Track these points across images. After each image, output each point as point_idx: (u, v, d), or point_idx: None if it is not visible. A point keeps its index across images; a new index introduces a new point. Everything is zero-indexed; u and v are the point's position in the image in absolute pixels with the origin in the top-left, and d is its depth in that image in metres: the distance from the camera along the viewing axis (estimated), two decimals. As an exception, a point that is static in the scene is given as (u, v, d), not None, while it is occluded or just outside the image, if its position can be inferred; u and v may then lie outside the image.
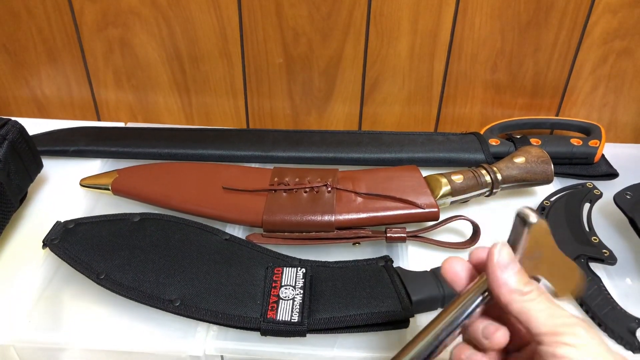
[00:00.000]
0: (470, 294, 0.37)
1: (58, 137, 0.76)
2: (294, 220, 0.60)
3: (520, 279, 0.36)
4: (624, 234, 0.64)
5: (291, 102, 0.81)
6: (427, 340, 0.37)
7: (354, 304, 0.52)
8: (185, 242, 0.58)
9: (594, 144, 0.73)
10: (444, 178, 0.64)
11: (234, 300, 0.52)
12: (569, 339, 0.33)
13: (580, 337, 0.33)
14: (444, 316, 0.37)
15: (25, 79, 0.81)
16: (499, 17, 0.72)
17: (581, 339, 0.33)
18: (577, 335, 0.33)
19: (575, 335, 0.33)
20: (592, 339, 0.33)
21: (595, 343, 0.33)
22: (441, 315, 0.37)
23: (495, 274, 0.36)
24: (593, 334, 0.33)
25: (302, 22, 0.73)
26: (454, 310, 0.37)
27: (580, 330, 0.33)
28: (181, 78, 0.79)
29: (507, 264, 0.36)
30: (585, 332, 0.33)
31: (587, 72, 0.76)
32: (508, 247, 0.37)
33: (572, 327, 0.34)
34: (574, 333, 0.33)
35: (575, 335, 0.33)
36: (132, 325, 0.53)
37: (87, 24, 0.75)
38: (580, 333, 0.33)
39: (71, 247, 0.57)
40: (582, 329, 0.33)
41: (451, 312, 0.37)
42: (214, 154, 0.73)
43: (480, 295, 0.37)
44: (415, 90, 0.79)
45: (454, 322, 0.37)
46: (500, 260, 0.36)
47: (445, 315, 0.37)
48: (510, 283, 0.35)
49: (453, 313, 0.37)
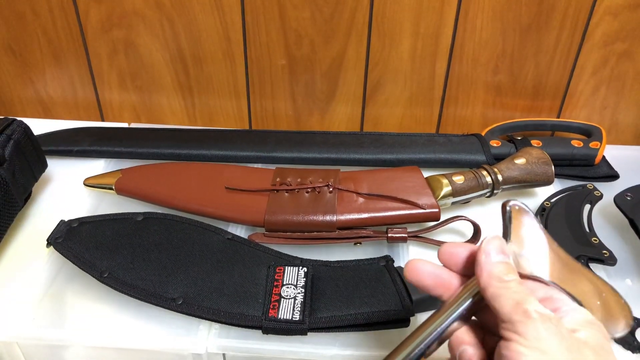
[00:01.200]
0: (461, 295, 0.37)
1: (62, 137, 0.76)
2: (296, 220, 0.61)
3: (505, 268, 0.35)
4: (624, 235, 0.64)
5: (293, 103, 0.81)
6: (415, 343, 0.37)
7: (355, 303, 0.52)
8: (188, 242, 0.58)
9: (594, 145, 0.73)
10: (445, 179, 0.64)
11: (236, 298, 0.52)
12: (520, 328, 0.32)
13: (532, 329, 0.32)
14: (435, 318, 0.37)
15: (30, 79, 0.82)
16: (500, 19, 0.72)
17: (533, 331, 0.32)
18: (529, 326, 0.32)
19: (527, 325, 0.32)
20: (549, 334, 0.32)
21: (550, 339, 0.32)
22: (432, 317, 0.37)
23: (479, 259, 0.36)
24: (553, 331, 0.32)
25: (304, 24, 0.74)
26: (445, 312, 0.37)
27: (536, 324, 0.32)
28: (184, 79, 0.80)
29: (494, 252, 0.36)
30: (542, 326, 0.32)
31: (588, 74, 0.77)
32: (499, 239, 0.37)
33: (530, 319, 0.32)
34: (527, 324, 0.32)
35: (525, 325, 0.32)
36: (135, 323, 0.53)
37: (91, 25, 0.76)
38: (535, 326, 0.32)
39: (75, 246, 0.57)
40: (540, 323, 0.32)
41: (442, 314, 0.37)
42: (216, 154, 0.73)
43: (471, 297, 0.37)
44: (417, 91, 0.79)
45: (443, 324, 0.36)
46: (487, 248, 0.36)
47: (436, 316, 0.37)
48: (493, 269, 0.35)
49: (444, 314, 0.37)
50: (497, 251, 0.36)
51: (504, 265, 0.36)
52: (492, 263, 0.36)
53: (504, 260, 0.36)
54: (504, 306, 0.34)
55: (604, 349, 0.33)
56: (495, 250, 0.36)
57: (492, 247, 0.36)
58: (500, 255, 0.36)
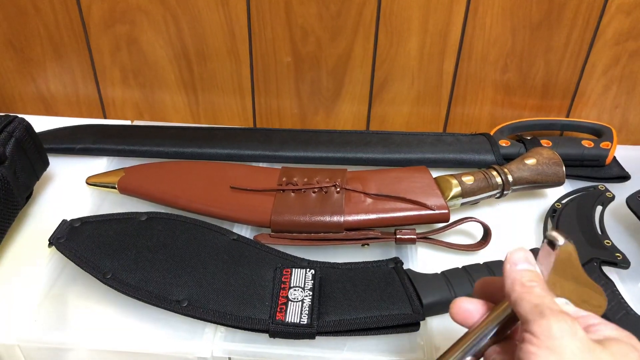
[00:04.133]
0: (494, 312, 0.37)
1: (64, 135, 0.75)
2: (303, 221, 0.59)
3: (529, 275, 0.36)
4: (637, 237, 0.63)
5: (299, 101, 0.80)
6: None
7: (364, 306, 0.51)
8: (193, 242, 0.57)
9: (605, 145, 0.72)
10: (455, 179, 0.63)
11: (242, 301, 0.51)
12: (533, 327, 0.32)
13: (545, 327, 0.32)
14: (468, 336, 0.37)
15: (31, 76, 0.80)
16: (510, 16, 0.71)
17: (546, 329, 0.32)
18: (542, 325, 0.32)
19: (539, 324, 0.32)
20: (561, 333, 0.31)
21: (562, 339, 0.31)
22: (465, 336, 0.37)
23: (505, 269, 0.37)
24: (566, 330, 0.31)
25: (311, 21, 0.72)
26: (478, 330, 0.37)
27: (549, 322, 0.32)
28: (188, 76, 0.79)
29: (519, 261, 0.37)
30: (555, 325, 0.32)
31: (599, 73, 0.75)
32: (524, 250, 0.38)
33: (544, 318, 0.32)
34: (539, 323, 0.32)
35: (538, 324, 0.32)
36: (139, 326, 0.52)
37: (94, 21, 0.74)
38: (548, 324, 0.32)
39: (77, 246, 0.56)
40: (555, 322, 0.32)
41: (475, 332, 0.37)
42: (221, 153, 0.72)
43: (504, 314, 0.37)
44: (424, 90, 0.78)
45: (476, 341, 0.37)
46: (512, 258, 0.37)
47: (468, 335, 0.37)
48: (516, 276, 0.36)
49: (477, 332, 0.37)
50: (522, 260, 0.37)
51: (528, 273, 0.36)
52: (516, 271, 0.36)
53: (529, 268, 0.37)
54: (524, 308, 0.34)
55: (627, 358, 0.32)
56: (520, 259, 0.37)
57: (517, 257, 0.37)
58: (524, 264, 0.37)
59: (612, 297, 0.53)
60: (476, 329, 0.37)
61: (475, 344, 0.37)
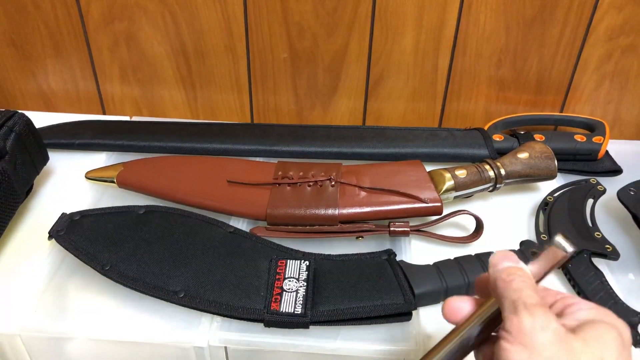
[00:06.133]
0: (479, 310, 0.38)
1: (64, 130, 0.76)
2: (298, 214, 0.60)
3: (508, 270, 0.36)
4: (627, 229, 0.64)
5: (296, 97, 0.81)
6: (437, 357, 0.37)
7: (357, 296, 0.52)
8: (190, 235, 0.58)
9: (598, 140, 0.73)
10: (448, 173, 0.64)
11: (238, 291, 0.52)
12: (507, 324, 0.33)
13: (516, 324, 0.32)
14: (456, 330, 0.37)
15: (31, 72, 0.81)
16: (503, 13, 0.72)
17: (517, 326, 0.32)
18: (514, 322, 0.32)
19: (512, 321, 0.33)
20: (532, 328, 0.32)
21: (533, 333, 0.32)
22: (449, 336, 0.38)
23: (489, 272, 0.37)
24: (537, 325, 0.32)
25: (307, 17, 0.73)
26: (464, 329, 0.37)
27: (521, 318, 0.32)
28: (186, 72, 0.80)
29: (500, 261, 0.37)
30: (527, 321, 0.32)
31: (592, 68, 0.76)
32: (505, 251, 0.38)
33: (516, 314, 0.33)
34: (512, 320, 0.33)
35: (511, 321, 0.33)
36: (137, 316, 0.53)
37: (93, 17, 0.75)
38: (519, 320, 0.32)
39: (77, 239, 0.57)
40: (527, 317, 0.32)
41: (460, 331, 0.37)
42: (218, 147, 0.73)
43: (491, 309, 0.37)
44: (419, 85, 0.79)
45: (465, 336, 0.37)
46: (493, 260, 0.37)
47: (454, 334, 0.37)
48: (497, 275, 0.36)
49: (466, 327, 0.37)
50: (502, 259, 0.37)
51: (506, 269, 0.36)
52: (497, 270, 0.36)
53: (509, 265, 0.37)
54: (504, 305, 0.34)
55: (601, 342, 0.32)
56: (500, 259, 0.37)
57: (498, 258, 0.37)
58: (505, 262, 0.37)
59: (601, 287, 0.54)
60: (464, 324, 0.37)
61: (463, 339, 0.37)
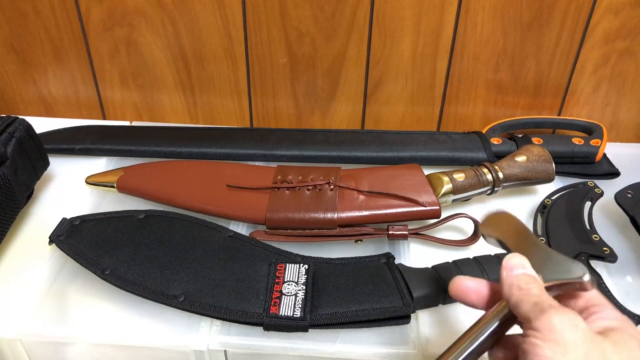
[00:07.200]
0: (493, 313, 0.38)
1: (64, 136, 0.77)
2: (297, 218, 0.61)
3: (525, 278, 0.37)
4: (624, 232, 0.64)
5: (295, 101, 0.81)
6: None
7: (356, 299, 0.52)
8: (190, 239, 0.58)
9: (595, 143, 0.73)
10: (446, 176, 0.64)
11: (238, 295, 0.52)
12: (535, 323, 0.33)
13: (546, 322, 0.33)
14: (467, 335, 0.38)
15: (32, 78, 0.82)
16: (501, 17, 0.72)
17: (547, 324, 0.33)
18: (543, 320, 0.33)
19: (541, 320, 0.33)
20: (563, 326, 0.32)
21: (565, 331, 0.32)
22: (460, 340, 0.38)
23: (502, 276, 0.38)
24: (567, 323, 0.32)
25: (306, 22, 0.74)
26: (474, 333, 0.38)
27: (550, 317, 0.33)
28: (186, 78, 0.80)
29: (515, 267, 0.38)
30: (556, 319, 0.33)
31: (589, 72, 0.77)
32: (519, 256, 0.39)
33: (544, 313, 0.33)
34: (541, 319, 0.33)
35: (540, 320, 0.33)
36: (137, 320, 0.53)
37: (93, 23, 0.76)
38: (548, 319, 0.33)
39: (77, 244, 0.57)
40: (556, 315, 0.33)
41: (471, 335, 0.38)
42: (218, 152, 0.73)
43: (501, 314, 0.38)
44: (418, 89, 0.79)
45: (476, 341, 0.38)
46: (507, 264, 0.38)
47: (465, 338, 0.38)
48: (513, 281, 0.37)
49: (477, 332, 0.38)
50: (518, 266, 0.38)
51: (524, 277, 0.37)
52: (513, 276, 0.37)
53: (525, 272, 0.38)
54: (524, 308, 0.35)
55: (628, 347, 0.33)
56: (516, 265, 0.38)
57: (513, 263, 0.38)
58: (520, 269, 0.38)
59: (599, 290, 0.54)
60: (474, 329, 0.38)
61: (474, 345, 0.37)
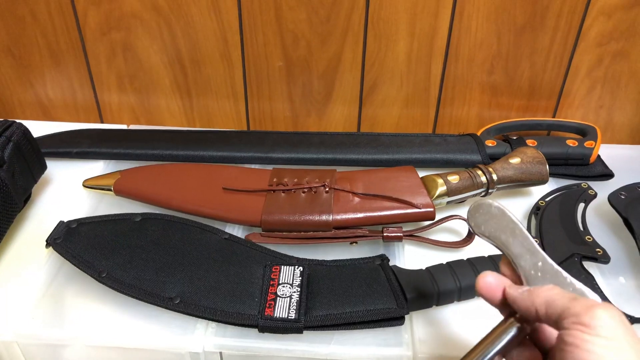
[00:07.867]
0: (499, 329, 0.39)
1: (62, 139, 0.77)
2: (292, 220, 0.61)
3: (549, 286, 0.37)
4: (618, 233, 0.64)
5: (291, 104, 0.82)
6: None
7: (350, 301, 0.53)
8: (186, 242, 0.59)
9: (589, 144, 0.73)
10: (440, 178, 0.65)
11: (233, 297, 0.53)
12: (583, 318, 0.32)
13: (597, 318, 0.32)
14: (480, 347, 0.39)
15: (30, 82, 0.82)
16: (495, 20, 0.73)
17: (598, 320, 0.32)
18: (593, 316, 0.32)
19: (589, 316, 0.32)
20: (613, 322, 0.32)
21: (616, 327, 0.32)
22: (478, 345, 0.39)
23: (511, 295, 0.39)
24: (617, 319, 0.32)
25: (301, 26, 0.74)
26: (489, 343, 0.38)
27: (599, 312, 0.32)
28: (183, 81, 0.81)
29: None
30: (605, 314, 0.32)
31: (583, 74, 0.77)
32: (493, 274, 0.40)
33: (591, 309, 0.33)
34: (589, 315, 0.32)
35: (588, 316, 0.32)
36: (133, 323, 0.54)
37: (90, 28, 0.76)
38: (598, 314, 0.32)
39: (74, 247, 0.58)
40: (603, 311, 0.32)
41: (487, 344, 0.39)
42: (214, 155, 0.74)
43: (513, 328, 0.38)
44: (413, 92, 0.80)
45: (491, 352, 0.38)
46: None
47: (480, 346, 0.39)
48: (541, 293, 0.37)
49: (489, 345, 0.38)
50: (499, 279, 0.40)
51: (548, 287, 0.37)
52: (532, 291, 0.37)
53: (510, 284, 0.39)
54: (559, 305, 0.34)
55: None
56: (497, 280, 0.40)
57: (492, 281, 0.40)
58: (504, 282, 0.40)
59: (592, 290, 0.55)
60: (485, 342, 0.38)
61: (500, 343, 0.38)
